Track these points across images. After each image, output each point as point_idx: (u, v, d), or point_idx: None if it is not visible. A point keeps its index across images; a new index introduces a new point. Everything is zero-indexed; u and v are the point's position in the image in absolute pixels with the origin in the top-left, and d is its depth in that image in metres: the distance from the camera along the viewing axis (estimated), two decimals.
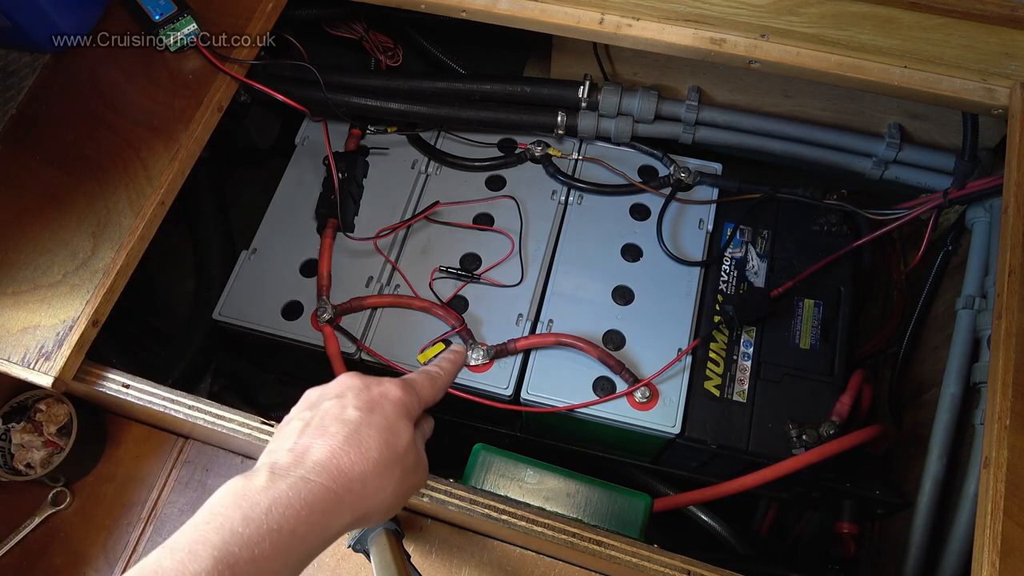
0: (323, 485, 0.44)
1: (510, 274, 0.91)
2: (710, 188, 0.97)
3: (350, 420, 0.47)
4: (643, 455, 0.95)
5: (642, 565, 0.61)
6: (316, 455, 0.45)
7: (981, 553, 0.59)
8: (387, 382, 0.52)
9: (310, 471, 0.44)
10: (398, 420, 0.49)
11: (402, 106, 0.94)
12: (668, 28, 0.83)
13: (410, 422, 0.51)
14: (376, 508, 0.47)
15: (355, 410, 0.48)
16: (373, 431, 0.47)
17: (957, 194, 0.86)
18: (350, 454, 0.46)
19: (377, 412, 0.49)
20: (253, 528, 0.40)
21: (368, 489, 0.46)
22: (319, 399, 0.50)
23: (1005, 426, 0.62)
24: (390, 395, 0.50)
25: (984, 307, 0.80)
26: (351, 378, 0.51)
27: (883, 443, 0.92)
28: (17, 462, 0.75)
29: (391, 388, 0.51)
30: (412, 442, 0.50)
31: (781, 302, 0.88)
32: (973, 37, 0.75)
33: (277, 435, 0.48)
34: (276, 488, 0.42)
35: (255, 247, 0.95)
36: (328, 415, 0.48)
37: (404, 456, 0.49)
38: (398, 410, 0.50)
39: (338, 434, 0.46)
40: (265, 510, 0.41)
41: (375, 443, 0.47)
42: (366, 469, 0.46)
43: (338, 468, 0.45)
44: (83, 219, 0.75)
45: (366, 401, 0.49)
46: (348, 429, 0.47)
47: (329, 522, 0.44)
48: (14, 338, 0.70)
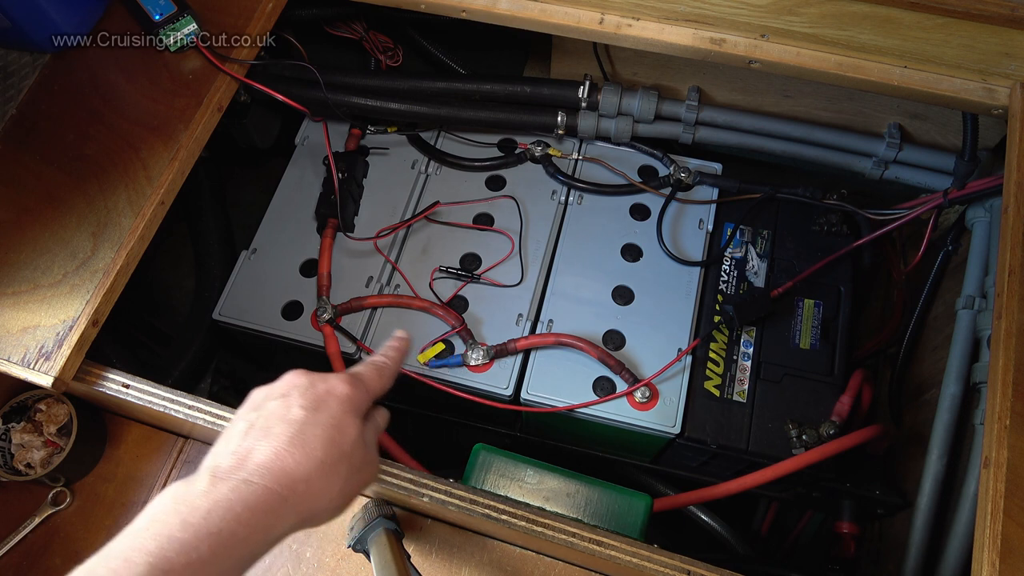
0: (266, 487, 0.43)
1: (510, 274, 0.91)
2: (710, 188, 0.97)
3: (295, 420, 0.47)
4: (643, 455, 0.95)
5: (642, 565, 0.61)
6: (259, 457, 0.45)
7: (981, 553, 0.59)
8: (333, 378, 0.51)
9: (252, 473, 0.44)
10: (344, 417, 0.49)
11: (402, 106, 0.94)
12: (668, 28, 0.83)
13: (358, 417, 0.50)
14: (323, 508, 0.47)
15: (300, 409, 0.47)
16: (318, 430, 0.47)
17: (957, 194, 0.86)
18: (294, 455, 0.45)
19: (323, 410, 0.48)
20: (191, 533, 0.40)
21: (313, 489, 0.45)
22: (264, 400, 0.49)
23: (1005, 426, 0.62)
24: (336, 391, 0.49)
25: (984, 307, 0.80)
26: (296, 376, 0.50)
27: (883, 443, 0.92)
28: (17, 462, 0.75)
29: (337, 384, 0.50)
30: (359, 438, 0.49)
31: (781, 302, 0.88)
32: (973, 37, 0.75)
33: (221, 437, 0.48)
34: (217, 491, 0.42)
35: (255, 247, 0.95)
36: (273, 416, 0.47)
37: (351, 453, 0.48)
38: (345, 406, 0.49)
39: (282, 435, 0.46)
40: (204, 514, 0.41)
41: (320, 442, 0.46)
42: (311, 469, 0.45)
43: (281, 469, 0.44)
44: (83, 219, 0.75)
45: (311, 399, 0.48)
46: (292, 429, 0.46)
47: (272, 524, 0.43)
48: (14, 338, 0.70)
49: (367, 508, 0.70)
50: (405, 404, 1.01)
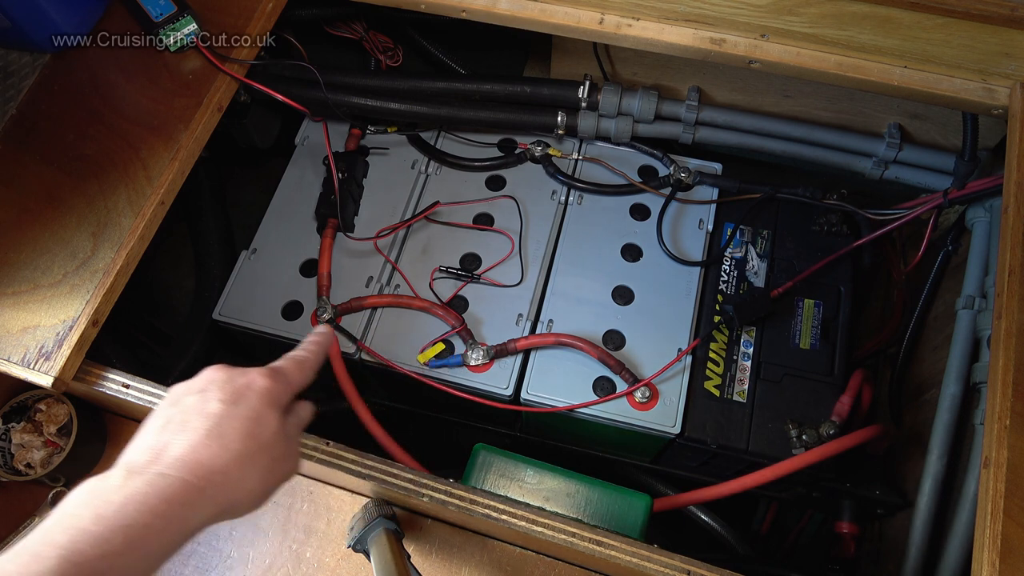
0: (182, 479, 0.43)
1: (510, 274, 0.91)
2: (710, 188, 0.97)
3: (212, 413, 0.47)
4: (643, 455, 0.95)
5: (642, 565, 0.61)
6: (175, 451, 0.45)
7: (981, 553, 0.59)
8: (252, 372, 0.51)
9: (168, 467, 0.44)
10: (264, 409, 0.49)
11: (402, 106, 0.94)
12: (668, 28, 0.83)
13: (277, 411, 0.50)
14: (242, 499, 0.47)
15: (218, 403, 0.48)
16: (236, 423, 0.47)
17: (957, 194, 0.86)
18: (211, 447, 0.45)
19: (241, 403, 0.48)
20: (104, 526, 0.40)
21: (231, 480, 0.46)
22: (182, 395, 0.49)
23: (1005, 426, 0.62)
24: (255, 385, 0.50)
25: (984, 307, 0.80)
26: (215, 371, 0.51)
27: (883, 443, 0.92)
28: (17, 462, 0.75)
29: (256, 378, 0.50)
30: (279, 430, 0.49)
31: (781, 302, 0.88)
32: (973, 37, 0.75)
33: (138, 433, 0.48)
34: (131, 485, 0.42)
35: (255, 247, 0.95)
36: (190, 410, 0.47)
37: (271, 445, 0.48)
38: (264, 400, 0.49)
39: (199, 428, 0.46)
40: (118, 507, 0.41)
41: (238, 434, 0.47)
42: (228, 461, 0.45)
43: (197, 461, 0.45)
44: (83, 219, 0.75)
45: (230, 393, 0.48)
46: (210, 423, 0.46)
47: (189, 515, 0.43)
48: (14, 338, 0.70)
49: (367, 508, 0.70)
50: (405, 404, 1.01)
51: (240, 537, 0.75)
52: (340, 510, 0.75)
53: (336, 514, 0.75)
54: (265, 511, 0.76)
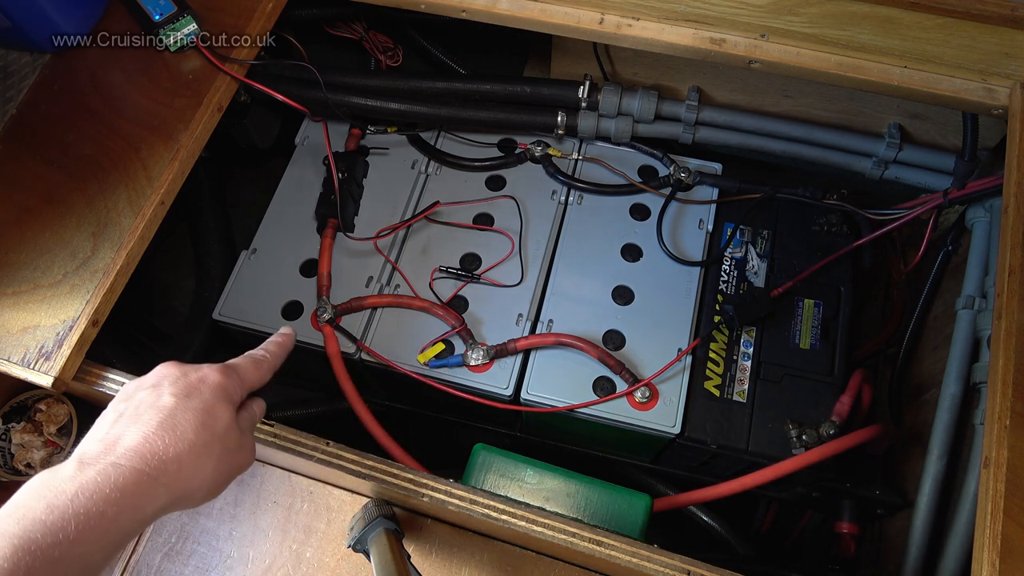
0: (135, 468, 0.44)
1: (510, 274, 0.91)
2: (710, 188, 0.97)
3: (165, 406, 0.48)
4: (643, 455, 0.95)
5: (642, 565, 0.61)
6: (128, 442, 0.46)
7: (981, 553, 0.59)
8: (206, 368, 0.52)
9: (121, 457, 0.45)
10: (216, 403, 0.50)
11: (402, 106, 0.94)
12: (668, 28, 0.83)
13: (230, 405, 0.51)
14: (195, 488, 0.48)
15: (171, 396, 0.49)
16: (189, 415, 0.48)
17: (957, 194, 0.86)
18: (164, 437, 0.46)
19: (194, 397, 0.49)
20: (57, 515, 0.41)
21: (184, 470, 0.46)
22: (135, 390, 0.50)
23: (1005, 426, 0.62)
24: (208, 380, 0.51)
25: (984, 307, 0.80)
26: (167, 367, 0.52)
27: (883, 443, 0.92)
28: (17, 462, 0.75)
29: (209, 373, 0.52)
30: (232, 424, 0.50)
31: (781, 302, 0.88)
32: (973, 37, 0.75)
33: (92, 428, 0.49)
34: (84, 475, 0.43)
35: (255, 247, 0.95)
36: (143, 404, 0.48)
37: (224, 437, 0.49)
38: (216, 394, 0.50)
39: (152, 420, 0.47)
40: (71, 497, 0.41)
41: (191, 426, 0.48)
42: (181, 451, 0.46)
43: (151, 451, 0.45)
44: (83, 219, 0.75)
45: (183, 387, 0.50)
46: (163, 415, 0.47)
47: (142, 503, 0.44)
48: (14, 338, 0.70)
49: (367, 508, 0.70)
50: (405, 404, 1.01)
51: (240, 537, 0.75)
52: (340, 510, 0.75)
53: (336, 514, 0.75)
54: (265, 511, 0.76)
